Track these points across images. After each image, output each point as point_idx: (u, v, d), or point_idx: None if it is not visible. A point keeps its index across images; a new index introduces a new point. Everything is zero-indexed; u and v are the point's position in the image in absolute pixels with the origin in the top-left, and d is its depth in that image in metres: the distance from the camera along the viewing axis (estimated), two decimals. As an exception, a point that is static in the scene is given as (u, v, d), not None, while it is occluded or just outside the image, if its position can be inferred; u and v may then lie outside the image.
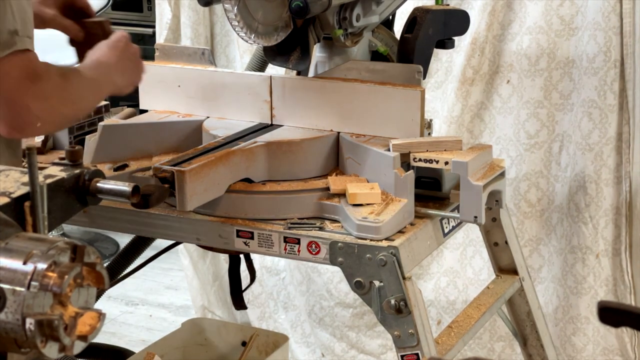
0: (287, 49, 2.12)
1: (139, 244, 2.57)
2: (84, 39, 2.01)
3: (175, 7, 3.20)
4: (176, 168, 1.79)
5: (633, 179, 2.57)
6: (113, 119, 2.21)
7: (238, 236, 1.89)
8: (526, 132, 2.70)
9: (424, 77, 2.08)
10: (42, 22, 1.96)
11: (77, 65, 1.84)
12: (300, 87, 2.09)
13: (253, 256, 2.40)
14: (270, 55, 2.14)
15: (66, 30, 2.02)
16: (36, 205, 1.11)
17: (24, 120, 1.65)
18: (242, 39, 2.02)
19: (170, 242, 2.34)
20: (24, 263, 0.99)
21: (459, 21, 2.24)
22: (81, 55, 1.99)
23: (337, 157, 2.03)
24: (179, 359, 2.69)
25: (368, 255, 1.79)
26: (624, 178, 2.59)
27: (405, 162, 1.91)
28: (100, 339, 1.51)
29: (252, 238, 1.87)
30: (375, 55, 2.23)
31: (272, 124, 2.12)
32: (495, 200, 2.01)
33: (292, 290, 3.21)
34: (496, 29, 2.70)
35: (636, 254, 2.62)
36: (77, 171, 1.26)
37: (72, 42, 2.03)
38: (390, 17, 2.28)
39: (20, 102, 1.63)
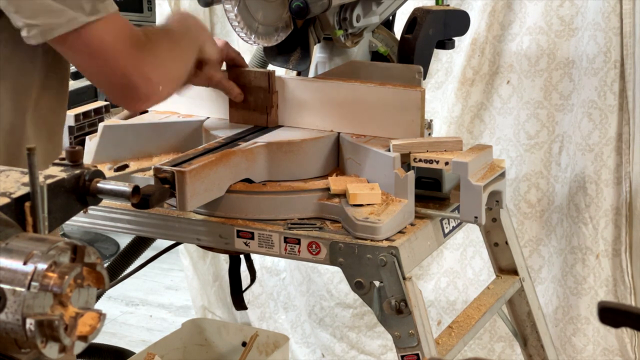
0: (288, 50, 2.12)
1: (139, 245, 2.57)
2: (247, 92, 2.09)
3: (175, 7, 3.21)
4: (176, 168, 1.79)
5: (633, 179, 2.57)
6: (113, 119, 2.21)
7: (238, 236, 1.89)
8: (526, 132, 2.71)
9: (424, 78, 2.08)
10: (208, 84, 2.04)
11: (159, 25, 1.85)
12: (301, 88, 2.09)
13: (253, 256, 2.40)
14: (271, 55, 2.14)
15: (228, 92, 2.08)
16: (36, 206, 1.11)
17: (147, 90, 1.65)
18: (243, 39, 2.02)
19: (171, 243, 2.34)
20: (24, 263, 0.99)
21: (459, 21, 2.24)
22: (235, 118, 2.10)
23: (337, 157, 2.03)
24: (179, 359, 2.69)
25: (368, 256, 1.79)
26: (624, 179, 2.59)
27: (405, 162, 1.91)
28: (101, 339, 1.51)
29: (252, 238, 1.87)
30: (376, 56, 2.23)
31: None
32: (495, 200, 2.01)
33: (292, 291, 3.21)
34: (496, 30, 2.70)
35: (636, 255, 2.62)
36: (78, 171, 1.26)
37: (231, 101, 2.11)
38: (391, 17, 2.28)
39: (137, 73, 1.62)
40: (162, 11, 3.24)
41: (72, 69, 1.85)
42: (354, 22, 2.10)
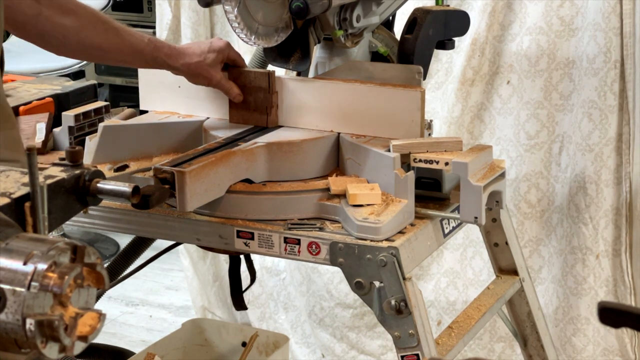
0: (288, 50, 2.12)
1: (139, 245, 2.57)
2: (247, 92, 2.10)
3: (175, 7, 3.21)
4: (176, 169, 1.79)
5: (633, 179, 2.57)
6: (113, 120, 2.21)
7: (238, 237, 1.89)
8: (526, 132, 2.71)
9: (424, 78, 2.08)
10: (208, 83, 2.07)
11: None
12: (301, 88, 2.09)
13: (253, 257, 2.40)
14: (271, 56, 2.14)
15: (227, 93, 2.10)
16: (36, 206, 1.11)
17: None
18: (243, 40, 2.02)
19: (171, 243, 2.34)
20: (24, 263, 0.99)
21: (459, 22, 2.24)
22: (235, 118, 2.11)
23: (337, 157, 2.04)
24: (179, 359, 2.69)
25: (368, 256, 1.79)
26: (624, 179, 2.58)
27: (405, 162, 1.91)
28: (101, 339, 1.51)
29: (252, 239, 1.87)
30: (376, 56, 2.23)
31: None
32: (495, 200, 2.01)
33: (292, 291, 3.21)
34: (496, 30, 2.70)
35: (636, 255, 2.62)
36: (78, 172, 1.26)
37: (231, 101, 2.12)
38: (391, 17, 2.28)
39: None
40: (162, 11, 3.24)
41: (73, 69, 1.85)
42: (354, 22, 2.10)
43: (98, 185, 1.27)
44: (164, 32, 3.22)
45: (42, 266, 0.99)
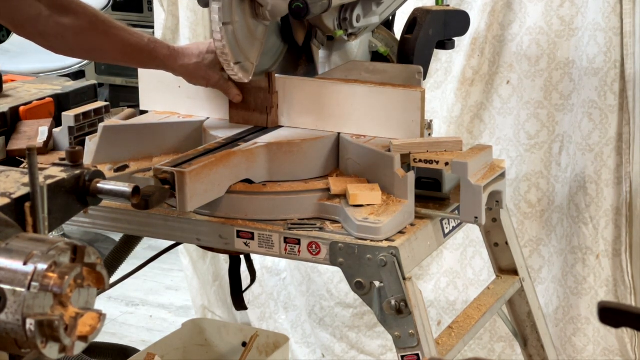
0: (294, 60, 2.13)
1: (129, 243, 2.54)
2: (247, 92, 2.10)
3: (174, 7, 3.21)
4: (177, 169, 1.79)
5: (633, 179, 2.57)
6: (113, 120, 2.21)
7: (238, 237, 1.89)
8: (526, 132, 2.70)
9: (424, 78, 2.08)
10: (207, 84, 2.07)
11: None
12: (301, 88, 2.09)
13: (253, 256, 2.40)
14: (279, 68, 2.14)
15: (226, 93, 2.09)
16: (36, 206, 1.11)
17: None
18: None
19: (171, 243, 2.34)
20: (25, 264, 0.99)
21: (459, 22, 2.24)
22: (235, 118, 2.11)
23: (337, 157, 2.03)
24: (179, 359, 2.69)
25: (368, 256, 1.79)
26: (624, 179, 2.58)
27: (405, 162, 1.91)
28: (101, 339, 1.51)
29: (252, 239, 1.87)
30: (376, 56, 2.23)
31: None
32: (495, 200, 2.01)
33: (292, 291, 3.21)
34: (496, 30, 2.70)
35: (636, 255, 2.62)
36: (78, 172, 1.26)
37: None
38: (391, 17, 2.28)
39: None
40: (161, 12, 3.24)
41: (73, 69, 1.85)
42: (354, 22, 2.10)
43: (98, 185, 1.28)
44: (162, 32, 3.22)
45: (42, 266, 0.99)
